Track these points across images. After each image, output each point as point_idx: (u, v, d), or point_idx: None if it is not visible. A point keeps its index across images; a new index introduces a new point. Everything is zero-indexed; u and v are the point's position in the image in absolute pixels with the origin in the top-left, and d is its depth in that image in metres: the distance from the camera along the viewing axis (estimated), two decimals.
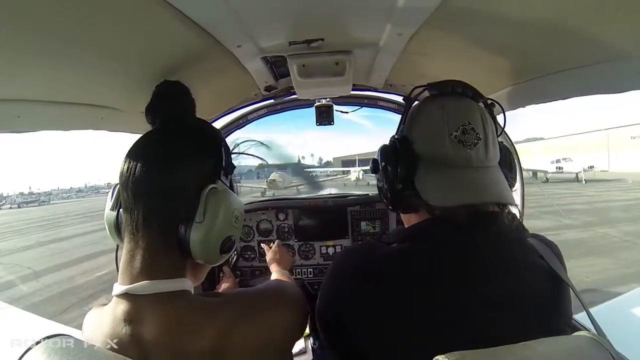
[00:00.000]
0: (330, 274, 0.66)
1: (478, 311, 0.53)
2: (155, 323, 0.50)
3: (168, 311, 0.51)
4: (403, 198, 0.64)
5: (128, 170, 0.53)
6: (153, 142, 0.57)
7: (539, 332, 0.52)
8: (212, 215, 0.53)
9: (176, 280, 0.53)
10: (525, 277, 0.57)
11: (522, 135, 43.91)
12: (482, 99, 0.67)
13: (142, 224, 0.53)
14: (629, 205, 12.42)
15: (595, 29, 0.63)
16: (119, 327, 0.50)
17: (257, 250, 1.81)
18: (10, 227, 17.53)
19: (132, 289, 0.51)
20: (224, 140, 0.63)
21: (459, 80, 0.66)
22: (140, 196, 0.53)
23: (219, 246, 0.55)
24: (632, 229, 8.83)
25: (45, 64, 0.61)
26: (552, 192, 16.34)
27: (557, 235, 8.05)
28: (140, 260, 0.52)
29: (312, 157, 66.74)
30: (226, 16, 0.65)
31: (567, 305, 0.60)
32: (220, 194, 0.55)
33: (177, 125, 0.60)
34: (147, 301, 0.51)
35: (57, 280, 7.40)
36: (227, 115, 1.53)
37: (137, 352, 0.49)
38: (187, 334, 0.50)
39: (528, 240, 0.62)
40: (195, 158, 0.56)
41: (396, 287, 0.56)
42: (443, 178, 0.59)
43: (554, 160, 23.18)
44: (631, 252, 7.06)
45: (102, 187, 65.19)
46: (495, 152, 0.63)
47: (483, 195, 0.58)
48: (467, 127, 0.59)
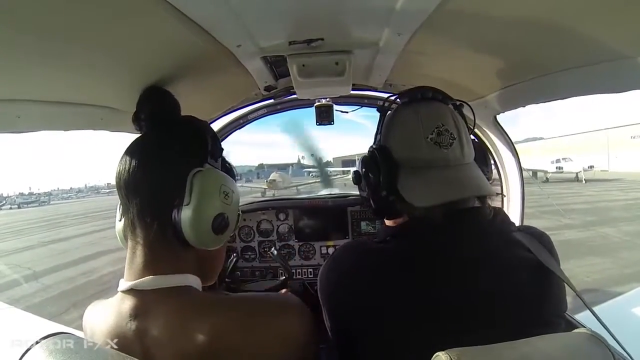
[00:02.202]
0: (325, 271, 0.68)
1: (466, 306, 0.55)
2: (159, 318, 0.51)
3: (172, 306, 0.52)
4: (387, 204, 0.66)
5: (120, 172, 0.57)
6: (138, 144, 0.60)
7: (527, 323, 0.54)
8: (197, 195, 0.54)
9: (180, 275, 0.55)
10: (510, 269, 0.58)
11: (522, 135, 44.01)
12: (451, 101, 0.70)
13: (137, 219, 0.55)
14: (629, 205, 12.43)
15: (595, 29, 0.63)
16: (125, 322, 0.52)
17: (257, 250, 1.81)
18: (10, 227, 17.53)
19: (136, 285, 0.52)
20: (209, 127, 0.66)
21: (427, 86, 0.69)
22: (132, 193, 0.55)
23: (210, 225, 0.55)
24: (632, 228, 8.83)
25: (45, 64, 0.61)
26: (552, 191, 16.34)
27: (557, 235, 8.05)
28: (142, 256, 0.54)
29: (311, 157, 66.76)
30: (226, 16, 0.65)
31: (556, 297, 0.61)
32: (204, 173, 0.56)
33: (159, 125, 0.63)
34: (152, 296, 0.52)
35: (57, 281, 7.41)
36: (227, 115, 1.53)
37: (140, 347, 0.51)
38: (188, 330, 0.50)
39: (513, 234, 0.63)
40: (181, 149, 0.58)
41: (386, 283, 0.58)
42: (424, 179, 0.62)
43: (554, 160, 23.17)
44: (631, 252, 7.06)
45: (102, 187, 65.23)
46: (470, 149, 0.66)
47: (464, 191, 0.61)
48: (441, 128, 0.62)
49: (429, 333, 0.53)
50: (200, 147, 0.59)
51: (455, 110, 0.68)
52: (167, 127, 0.62)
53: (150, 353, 0.51)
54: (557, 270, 0.60)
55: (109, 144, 70.70)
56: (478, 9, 0.64)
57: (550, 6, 0.59)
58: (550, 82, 0.85)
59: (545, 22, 0.64)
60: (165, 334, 0.50)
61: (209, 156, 0.59)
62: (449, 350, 0.45)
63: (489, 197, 0.65)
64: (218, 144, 0.62)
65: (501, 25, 0.69)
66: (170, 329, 0.51)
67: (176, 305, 0.52)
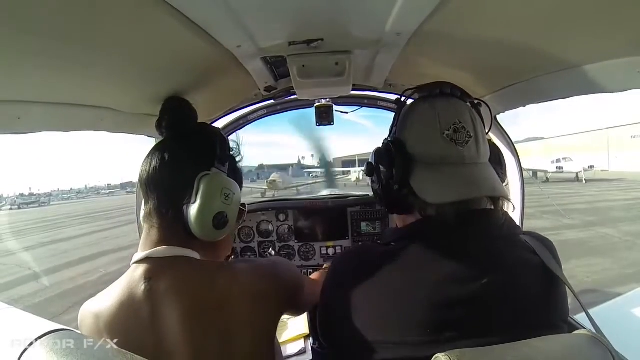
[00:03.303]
0: (329, 276, 0.68)
1: (472, 307, 0.54)
2: (171, 279, 0.60)
3: (184, 269, 0.62)
4: (400, 198, 0.65)
5: (143, 171, 0.68)
6: (160, 148, 0.69)
7: (533, 327, 0.54)
8: (201, 195, 0.63)
9: (189, 250, 0.64)
10: (517, 272, 0.58)
11: (522, 135, 43.95)
12: (470, 99, 0.68)
13: (155, 210, 0.66)
14: (630, 205, 12.42)
15: (595, 28, 0.63)
16: (137, 284, 0.60)
17: (257, 251, 1.81)
18: (11, 228, 17.53)
19: (152, 253, 0.62)
20: (220, 135, 0.74)
21: (446, 82, 0.68)
22: (152, 189, 0.66)
23: (211, 222, 0.63)
24: (632, 229, 8.82)
25: (45, 65, 0.61)
26: (552, 191, 16.34)
27: (557, 235, 8.04)
28: (156, 234, 0.65)
29: (312, 158, 66.75)
30: (226, 17, 0.65)
31: (561, 301, 0.61)
32: (210, 177, 0.65)
33: (178, 132, 0.72)
34: (165, 262, 0.62)
35: (57, 281, 7.40)
36: (227, 115, 1.53)
37: (149, 307, 0.58)
38: (198, 284, 0.61)
39: (520, 237, 0.63)
40: (193, 155, 0.68)
41: (392, 287, 0.57)
42: (438, 175, 0.61)
43: (554, 160, 23.16)
44: (631, 252, 7.05)
45: (102, 188, 65.22)
46: (485, 149, 0.65)
47: (477, 190, 0.60)
48: (458, 125, 0.61)
49: (435, 337, 0.52)
50: (209, 153, 0.68)
51: (472, 108, 0.67)
52: (183, 134, 0.71)
53: (159, 309, 0.58)
54: (561, 275, 0.60)
55: (109, 144, 70.39)
56: (478, 9, 0.64)
57: (549, 6, 0.59)
58: (550, 82, 0.85)
59: (544, 22, 0.64)
60: (174, 290, 0.59)
61: (217, 161, 0.68)
62: (449, 352, 0.45)
63: (502, 199, 0.63)
64: (226, 150, 0.72)
65: (501, 25, 0.69)
66: (180, 285, 0.59)
67: (186, 268, 0.62)
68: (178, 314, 0.57)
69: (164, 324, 0.57)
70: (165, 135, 0.73)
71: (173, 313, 0.57)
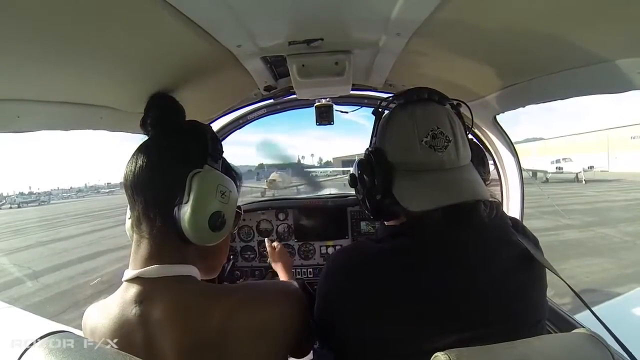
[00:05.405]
0: (324, 275, 0.68)
1: (465, 302, 0.55)
2: (165, 304, 0.53)
3: (178, 293, 0.55)
4: (383, 207, 0.66)
5: (127, 172, 0.60)
6: (144, 147, 0.63)
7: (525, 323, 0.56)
8: (194, 194, 0.56)
9: (184, 266, 0.58)
10: (507, 267, 0.60)
11: (522, 135, 43.97)
12: (448, 101, 0.69)
13: (142, 215, 0.58)
14: (629, 205, 12.42)
15: (595, 29, 0.63)
16: (129, 308, 0.54)
17: (257, 250, 1.81)
18: (10, 226, 17.53)
19: (142, 273, 0.55)
20: (210, 130, 0.67)
21: (423, 87, 0.68)
22: (139, 192, 0.58)
23: (206, 222, 0.57)
24: (631, 229, 8.82)
25: (44, 64, 0.61)
26: (552, 192, 16.34)
27: (557, 236, 8.06)
28: (146, 248, 0.57)
29: (312, 157, 66.71)
30: (226, 16, 0.65)
31: (543, 297, 0.64)
32: (202, 174, 0.58)
33: (164, 129, 0.66)
34: (158, 284, 0.55)
35: (57, 280, 7.41)
36: (226, 115, 1.53)
37: (142, 332, 0.53)
38: (194, 315, 0.53)
39: (510, 234, 0.65)
40: (183, 152, 0.61)
41: (386, 283, 0.58)
42: (419, 183, 0.62)
43: (554, 161, 23.15)
44: (631, 252, 7.06)
45: (102, 187, 65.21)
46: (465, 151, 0.65)
47: (458, 195, 0.60)
48: (436, 131, 0.62)
49: (427, 332, 0.54)
50: (200, 150, 0.61)
51: (452, 110, 0.68)
52: (170, 131, 0.65)
53: (153, 338, 0.52)
54: (550, 267, 0.63)
55: (109, 144, 70.11)
56: (478, 9, 0.64)
57: (549, 6, 0.59)
58: (549, 82, 0.85)
59: (544, 23, 0.64)
60: (168, 319, 0.52)
61: (209, 158, 0.61)
62: (448, 351, 0.45)
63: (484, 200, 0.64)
64: (218, 146, 0.64)
65: (501, 26, 0.69)
66: (173, 313, 0.53)
67: (181, 292, 0.55)
68: (171, 347, 0.52)
69: (158, 353, 0.52)
70: (152, 133, 0.67)
71: (166, 345, 0.52)
